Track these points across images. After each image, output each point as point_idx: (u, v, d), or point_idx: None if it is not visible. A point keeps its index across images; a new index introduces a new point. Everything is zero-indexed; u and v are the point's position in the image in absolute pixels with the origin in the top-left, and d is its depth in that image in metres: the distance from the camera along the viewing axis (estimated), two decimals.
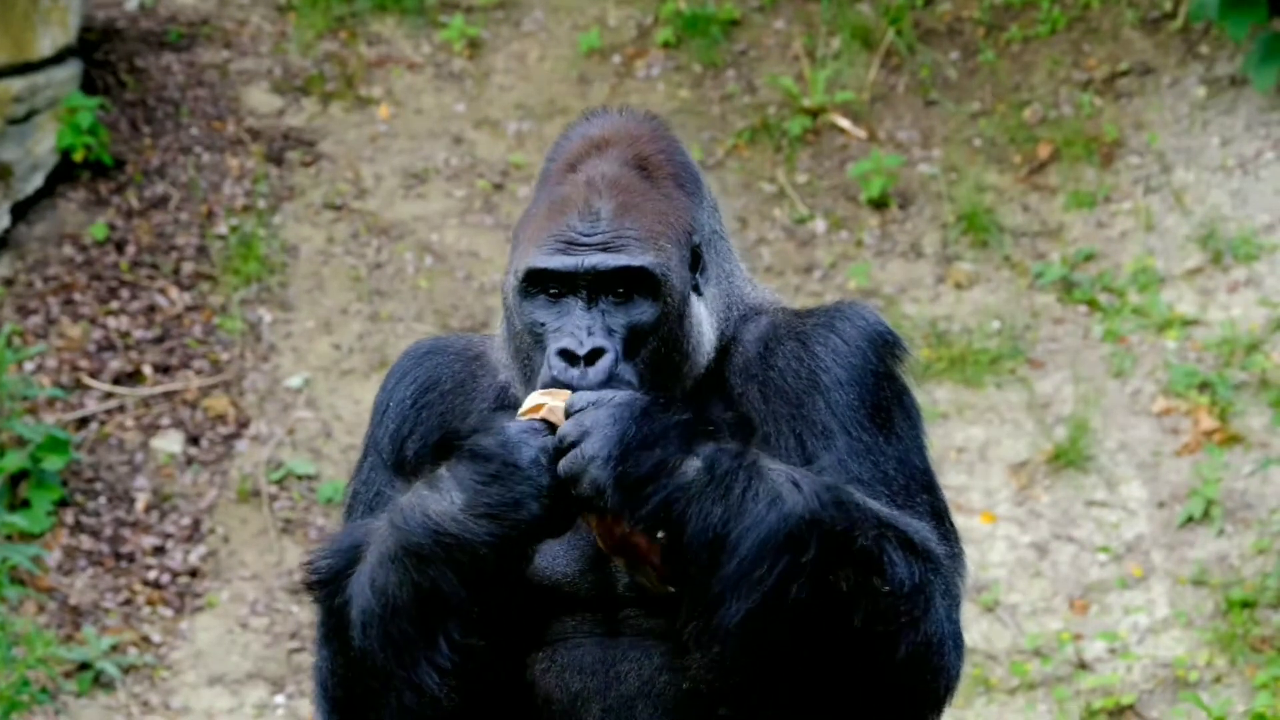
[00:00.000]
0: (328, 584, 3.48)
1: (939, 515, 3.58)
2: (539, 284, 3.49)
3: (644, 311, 3.49)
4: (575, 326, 3.46)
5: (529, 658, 3.53)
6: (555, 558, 3.52)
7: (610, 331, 3.47)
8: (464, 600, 3.35)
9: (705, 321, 3.61)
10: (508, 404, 3.62)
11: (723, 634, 3.31)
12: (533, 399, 3.38)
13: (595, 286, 3.48)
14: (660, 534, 3.29)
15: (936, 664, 3.43)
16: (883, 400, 3.56)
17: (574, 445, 3.29)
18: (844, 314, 3.61)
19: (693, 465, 3.27)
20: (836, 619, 3.32)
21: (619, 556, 3.40)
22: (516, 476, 3.31)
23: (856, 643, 3.34)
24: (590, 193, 3.53)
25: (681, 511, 3.28)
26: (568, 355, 3.43)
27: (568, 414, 3.31)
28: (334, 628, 3.46)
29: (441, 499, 3.33)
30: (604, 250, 3.47)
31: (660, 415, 3.28)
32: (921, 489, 3.57)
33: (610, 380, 3.42)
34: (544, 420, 3.34)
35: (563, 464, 3.30)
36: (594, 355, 3.44)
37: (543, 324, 3.49)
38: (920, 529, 3.46)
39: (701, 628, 3.32)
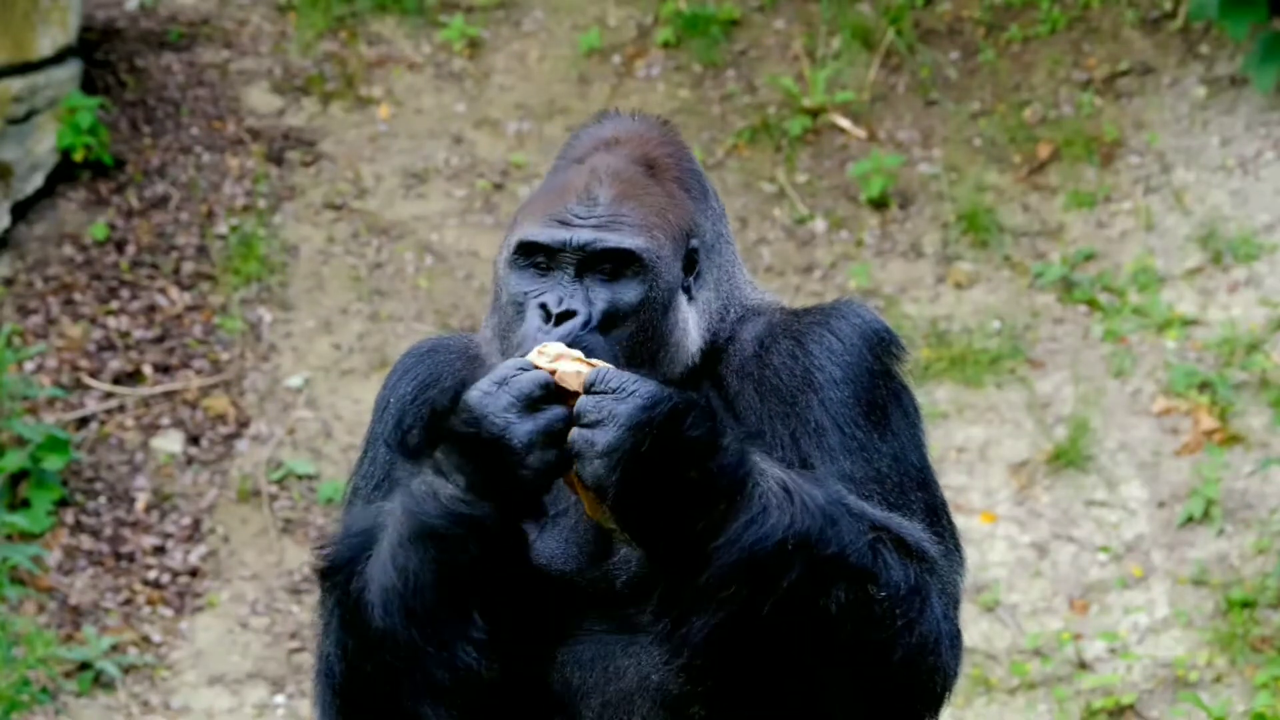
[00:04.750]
0: (341, 569, 3.49)
1: (934, 512, 3.59)
2: (528, 255, 3.54)
3: (628, 292, 3.52)
4: (558, 289, 3.50)
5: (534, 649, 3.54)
6: (554, 556, 3.54)
7: (590, 303, 3.50)
8: (488, 573, 3.36)
9: (693, 325, 3.62)
10: None
11: (689, 644, 3.33)
12: (536, 353, 3.36)
13: (583, 264, 3.52)
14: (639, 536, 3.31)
15: (933, 664, 3.43)
16: (878, 398, 3.57)
17: (588, 425, 3.28)
18: (840, 312, 3.62)
19: (690, 478, 3.27)
20: (822, 633, 3.33)
21: (602, 518, 3.39)
22: (512, 457, 3.30)
23: (848, 651, 3.35)
24: (592, 180, 3.57)
25: (667, 522, 3.29)
26: (544, 309, 3.48)
27: (589, 388, 3.29)
28: (349, 612, 3.46)
29: (447, 484, 3.33)
30: (597, 229, 3.52)
31: (677, 427, 3.26)
32: (916, 486, 3.57)
33: (573, 343, 3.43)
34: (552, 377, 3.32)
35: (575, 436, 3.28)
36: (564, 317, 3.47)
37: (526, 292, 3.53)
38: (914, 530, 3.47)
39: (670, 632, 3.35)
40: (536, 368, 3.32)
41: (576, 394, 3.30)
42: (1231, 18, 9.38)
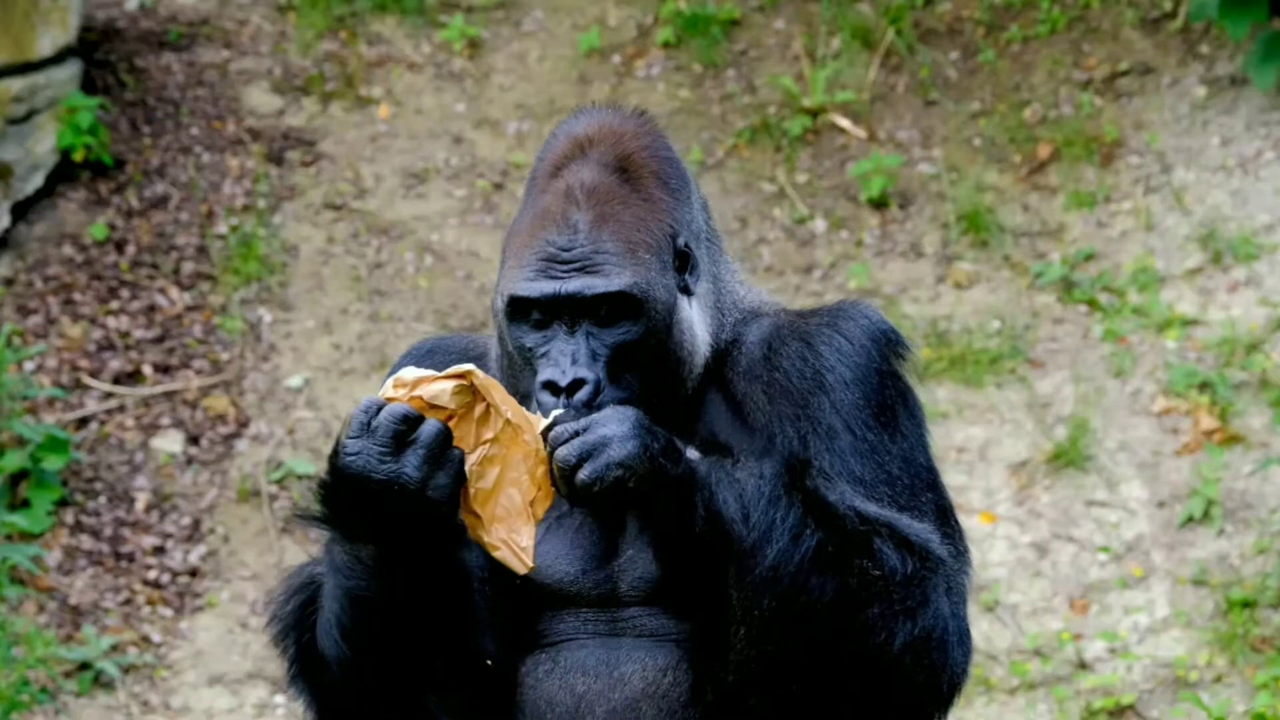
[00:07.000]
0: (291, 630, 3.61)
1: (943, 513, 3.60)
2: (523, 310, 3.53)
3: (627, 331, 3.53)
4: (559, 353, 3.51)
5: (532, 659, 3.54)
6: (557, 559, 3.54)
7: (595, 355, 3.51)
8: (433, 613, 3.43)
9: (698, 322, 3.62)
10: None
11: (758, 626, 3.37)
12: (392, 386, 3.37)
13: (576, 312, 3.51)
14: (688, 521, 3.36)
15: (937, 660, 3.43)
16: (887, 399, 3.57)
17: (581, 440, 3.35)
18: (847, 313, 3.63)
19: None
20: (844, 610, 3.36)
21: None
22: (409, 494, 3.33)
23: (854, 630, 3.37)
24: (568, 204, 3.56)
25: (707, 500, 3.35)
26: (552, 387, 3.47)
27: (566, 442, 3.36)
28: (306, 668, 3.62)
29: (366, 546, 3.41)
30: (582, 271, 3.51)
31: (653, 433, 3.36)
32: (926, 488, 3.58)
33: (590, 407, 3.46)
34: (413, 406, 3.33)
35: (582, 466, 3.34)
36: (574, 386, 3.47)
37: (530, 348, 3.53)
38: (921, 529, 3.48)
39: (723, 644, 3.39)
40: (391, 400, 3.32)
41: (448, 411, 3.31)
42: (1231, 18, 9.38)
